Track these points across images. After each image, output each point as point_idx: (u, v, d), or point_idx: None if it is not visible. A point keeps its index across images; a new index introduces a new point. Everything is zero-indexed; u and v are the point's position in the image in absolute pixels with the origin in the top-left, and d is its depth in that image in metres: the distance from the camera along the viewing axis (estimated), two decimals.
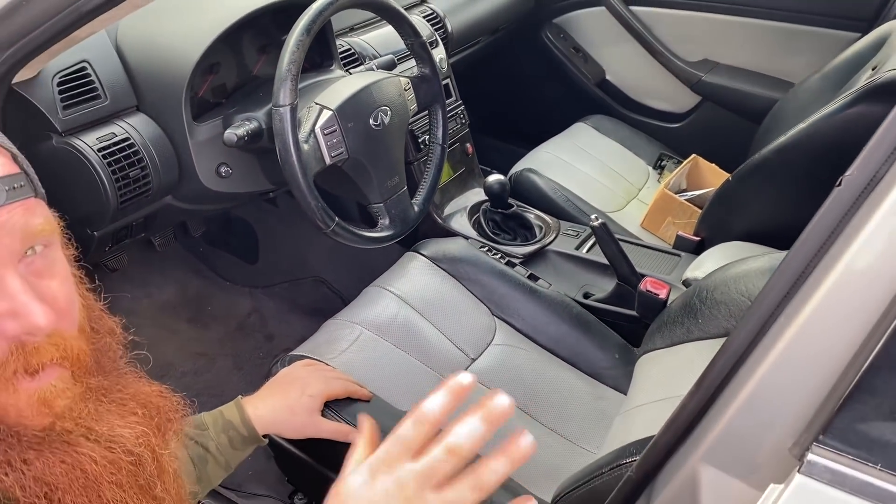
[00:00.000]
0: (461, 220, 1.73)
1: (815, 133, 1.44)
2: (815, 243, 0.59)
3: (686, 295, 1.39)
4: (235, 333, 1.89)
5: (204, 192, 1.29)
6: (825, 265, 0.58)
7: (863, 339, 0.56)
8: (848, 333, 0.57)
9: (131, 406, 0.66)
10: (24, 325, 0.55)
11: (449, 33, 1.89)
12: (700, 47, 2.20)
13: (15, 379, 0.56)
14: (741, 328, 0.63)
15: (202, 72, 1.28)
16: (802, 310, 0.59)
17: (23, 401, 0.57)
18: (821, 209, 0.59)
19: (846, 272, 0.57)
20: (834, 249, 0.58)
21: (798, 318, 0.59)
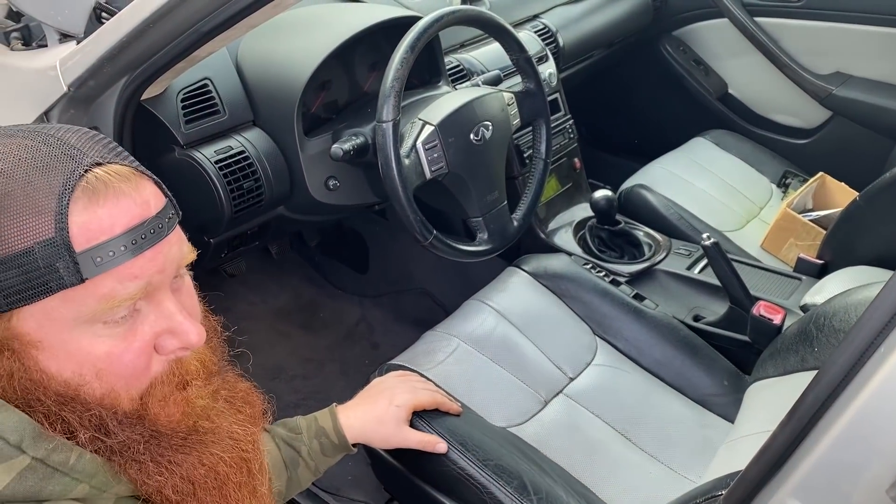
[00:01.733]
0: (565, 235, 1.71)
1: None
2: None
3: (802, 321, 1.31)
4: (343, 341, 1.95)
5: (313, 204, 1.35)
6: None
7: None
8: None
9: (239, 404, 0.71)
10: (182, 342, 0.63)
11: (560, 48, 1.88)
12: (831, 59, 2.07)
13: (171, 392, 0.64)
14: (837, 357, 0.59)
15: (315, 89, 1.34)
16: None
17: (173, 407, 0.64)
18: None
19: None
20: None
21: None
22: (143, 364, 0.62)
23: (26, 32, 1.33)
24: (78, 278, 0.56)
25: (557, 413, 1.32)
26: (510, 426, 1.27)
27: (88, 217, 0.57)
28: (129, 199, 0.59)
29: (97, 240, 0.57)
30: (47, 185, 0.56)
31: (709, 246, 1.42)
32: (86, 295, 0.57)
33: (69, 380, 0.60)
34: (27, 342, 0.58)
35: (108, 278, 0.57)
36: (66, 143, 0.59)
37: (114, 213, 0.58)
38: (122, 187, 0.59)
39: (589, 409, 1.34)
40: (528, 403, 1.33)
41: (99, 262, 0.57)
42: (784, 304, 1.48)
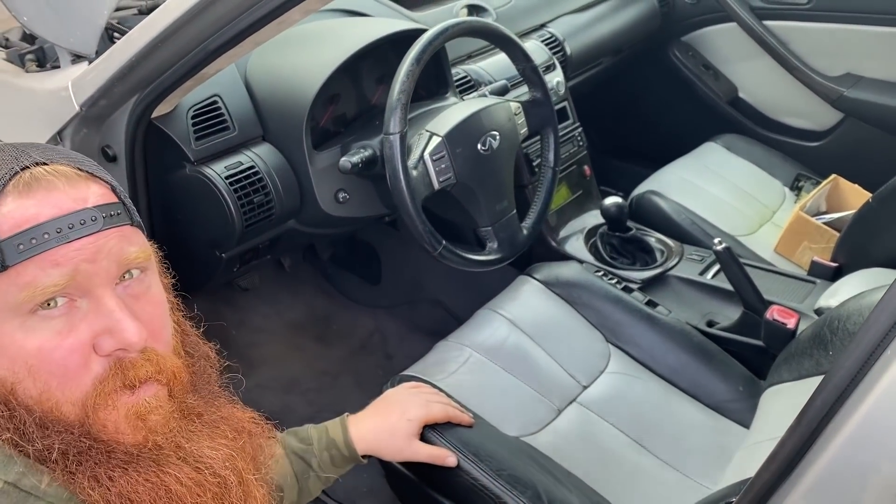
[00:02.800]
0: (577, 243, 1.70)
1: None
2: None
3: (816, 325, 1.30)
4: (358, 352, 1.95)
5: (324, 217, 1.36)
6: None
7: None
8: None
9: (223, 429, 0.69)
10: (119, 341, 0.61)
11: (568, 56, 1.88)
12: (841, 61, 2.06)
13: (115, 394, 0.61)
14: (843, 361, 0.59)
15: (323, 103, 1.35)
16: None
17: (120, 415, 0.62)
18: None
19: None
20: None
21: None
22: (76, 362, 0.60)
23: (41, 54, 1.36)
24: (0, 265, 0.57)
25: (571, 422, 1.32)
26: (524, 436, 1.27)
27: (15, 207, 0.58)
28: (61, 193, 0.60)
29: (19, 227, 0.58)
30: None
31: (721, 251, 1.42)
32: (9, 283, 0.58)
33: (3, 377, 0.60)
34: None
35: (31, 265, 0.58)
36: (19, 149, 0.61)
37: (42, 204, 0.59)
38: (56, 182, 0.60)
39: (603, 418, 1.34)
40: (542, 412, 1.32)
41: (21, 248, 0.58)
42: (798, 307, 1.47)
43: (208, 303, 1.88)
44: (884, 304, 0.56)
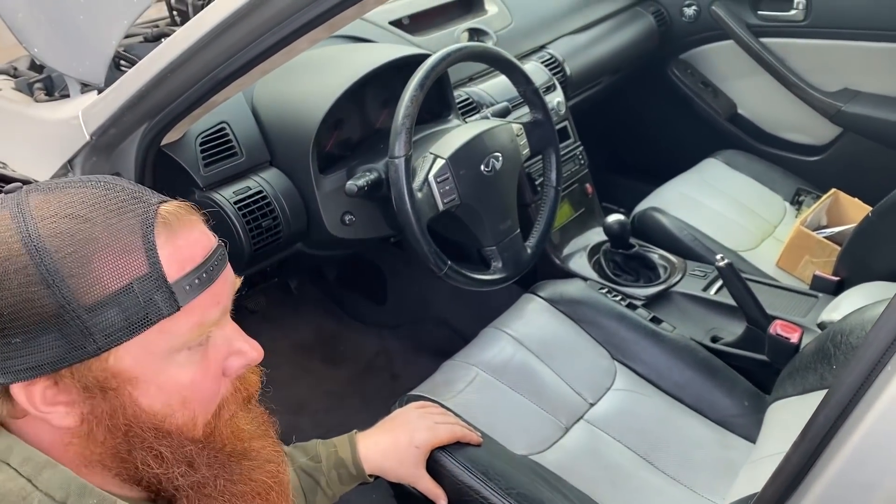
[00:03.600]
0: (580, 260, 1.72)
1: None
2: None
3: (820, 339, 1.31)
4: (364, 373, 1.97)
5: (330, 239, 1.37)
6: None
7: None
8: None
9: (265, 427, 0.75)
10: (248, 361, 0.68)
11: (568, 76, 1.91)
12: (838, 76, 2.08)
13: (238, 409, 0.69)
14: (845, 377, 0.60)
15: (329, 127, 1.37)
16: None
17: (232, 427, 0.68)
18: None
19: None
20: None
21: None
22: (217, 387, 0.67)
23: (48, 83, 1.38)
24: (175, 307, 0.60)
25: (579, 439, 1.33)
26: (532, 454, 1.28)
27: (172, 249, 0.61)
28: (197, 230, 0.65)
29: (185, 269, 0.61)
30: (127, 226, 0.60)
31: (723, 267, 1.43)
32: (180, 324, 0.61)
33: (158, 412, 0.63)
34: (124, 379, 0.61)
35: (197, 306, 0.62)
36: (127, 188, 0.63)
37: (190, 242, 0.63)
38: (190, 219, 0.64)
39: (610, 435, 1.34)
40: (549, 430, 1.33)
41: (188, 289, 0.61)
42: (801, 322, 1.48)
43: None
44: (883, 320, 0.57)
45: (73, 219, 0.58)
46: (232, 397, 0.68)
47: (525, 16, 1.96)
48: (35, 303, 0.56)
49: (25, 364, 0.58)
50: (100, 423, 0.62)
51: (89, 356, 0.58)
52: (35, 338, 0.57)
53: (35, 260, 0.56)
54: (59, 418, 0.61)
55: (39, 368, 0.58)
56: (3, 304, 0.56)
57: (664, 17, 2.28)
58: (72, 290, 0.57)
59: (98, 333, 0.58)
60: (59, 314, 0.57)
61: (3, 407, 0.62)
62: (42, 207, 0.59)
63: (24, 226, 0.58)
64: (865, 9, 1.97)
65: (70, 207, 0.59)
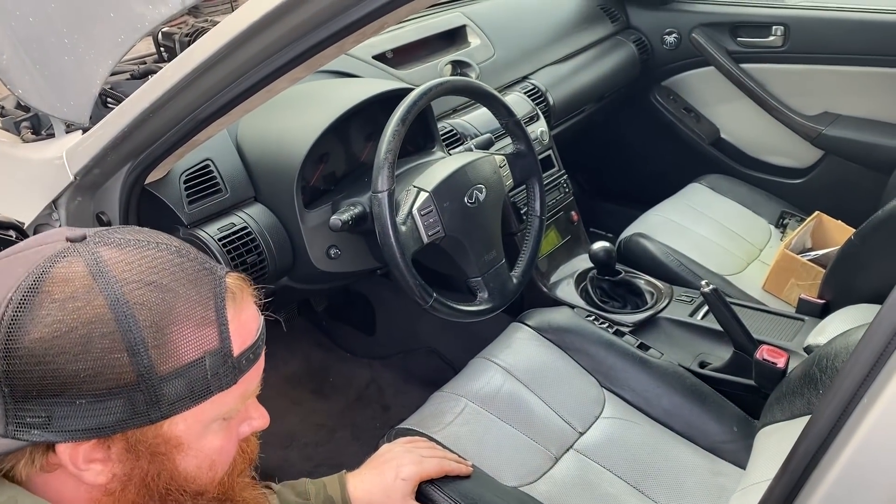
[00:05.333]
0: (567, 288, 1.72)
1: None
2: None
3: (806, 363, 1.31)
4: (354, 404, 1.96)
5: (317, 274, 1.38)
6: None
7: None
8: None
9: (249, 474, 0.77)
10: (259, 426, 0.71)
11: (551, 106, 1.93)
12: (818, 100, 2.12)
13: (245, 470, 0.72)
14: (823, 408, 0.60)
15: (313, 162, 1.38)
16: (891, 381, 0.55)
17: (241, 487, 0.71)
18: None
19: None
20: None
21: (886, 390, 0.56)
22: (235, 450, 0.69)
23: (35, 121, 1.39)
24: (234, 381, 0.62)
25: (569, 469, 1.32)
26: (522, 485, 1.27)
27: (238, 324, 0.63)
28: (254, 307, 0.67)
29: (245, 344, 0.63)
30: (199, 297, 0.61)
31: (708, 293, 1.44)
32: (233, 396, 0.63)
33: (191, 474, 0.65)
34: (173, 445, 0.62)
35: (245, 379, 0.64)
36: (197, 258, 0.64)
37: (250, 319, 0.65)
38: (249, 293, 0.66)
39: (600, 464, 1.34)
40: (539, 461, 1.33)
41: (244, 364, 0.63)
42: (788, 346, 1.49)
43: None
44: (857, 355, 0.58)
45: (157, 288, 0.59)
46: (240, 457, 0.71)
47: (507, 47, 1.99)
48: (116, 369, 0.57)
49: (85, 425, 0.57)
50: (135, 482, 0.63)
51: (150, 423, 0.59)
52: (102, 401, 0.57)
53: (122, 327, 0.57)
54: (93, 476, 0.61)
55: (98, 431, 0.58)
56: (83, 366, 0.56)
57: (645, 46, 2.31)
58: (152, 359, 0.57)
59: (164, 402, 0.59)
60: (136, 382, 0.57)
61: (36, 461, 0.61)
62: (122, 269, 0.59)
63: (110, 289, 0.57)
64: (842, 34, 2.01)
65: (152, 274, 0.59)
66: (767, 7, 2.13)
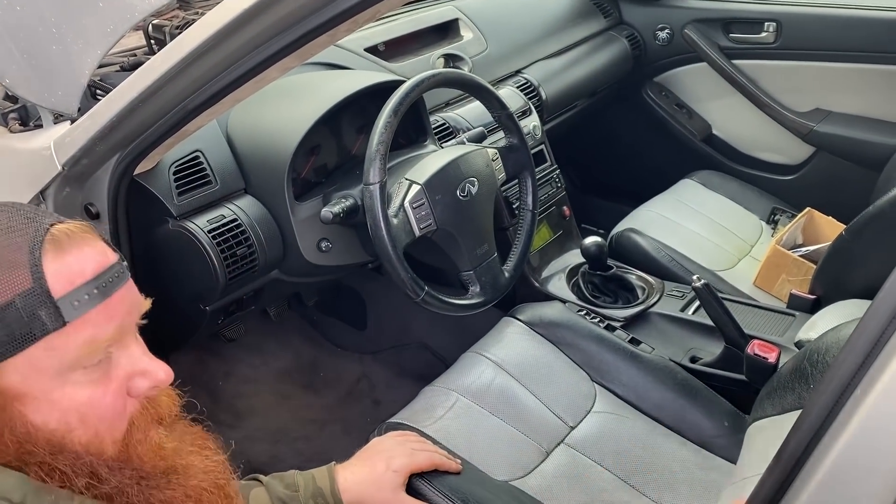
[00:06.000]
0: (559, 283, 1.72)
1: None
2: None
3: (797, 358, 1.31)
4: (345, 399, 1.95)
5: (307, 267, 1.37)
6: None
7: None
8: None
9: (202, 442, 0.76)
10: (154, 381, 0.68)
11: (544, 101, 1.92)
12: (810, 97, 2.12)
13: (148, 430, 0.69)
14: (816, 399, 0.60)
15: (304, 154, 1.37)
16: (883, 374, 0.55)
17: (148, 447, 0.68)
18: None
19: None
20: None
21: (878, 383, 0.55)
22: (121, 406, 0.66)
23: (23, 112, 1.37)
24: (60, 322, 0.60)
25: (560, 463, 1.32)
26: (513, 479, 1.27)
27: (59, 265, 0.61)
28: (90, 248, 0.64)
29: (73, 284, 0.61)
30: (15, 244, 0.60)
31: (700, 287, 1.44)
32: (69, 342, 0.61)
33: (55, 429, 0.63)
34: (11, 396, 0.61)
35: (87, 323, 0.61)
36: (21, 210, 0.64)
37: (80, 259, 0.63)
38: (83, 237, 0.64)
39: (591, 458, 1.34)
40: (530, 455, 1.32)
41: (77, 305, 0.61)
42: (778, 341, 1.49)
43: (194, 355, 1.87)
44: (850, 346, 0.58)
45: None
46: (141, 417, 0.68)
47: (500, 41, 1.98)
48: None
49: None
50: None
51: None
52: None
53: None
54: None
55: None
56: None
57: (638, 41, 2.31)
58: None
59: None
60: None
61: None
62: None
63: None
64: (834, 31, 2.01)
65: None
66: (760, 3, 2.14)
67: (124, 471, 0.66)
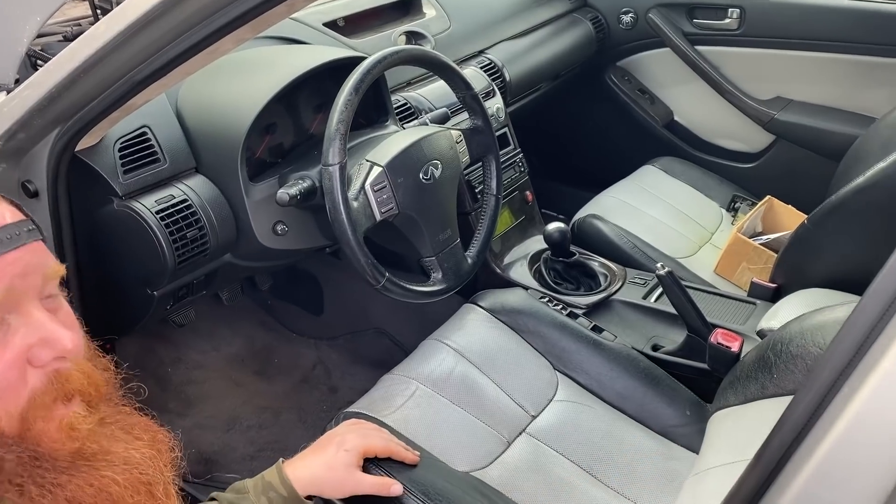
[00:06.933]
0: (521, 269, 1.69)
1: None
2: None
3: (760, 348, 1.31)
4: (300, 386, 1.90)
5: (262, 251, 1.31)
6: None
7: None
8: None
9: (137, 432, 0.71)
10: (57, 350, 0.62)
11: (507, 82, 1.88)
12: (771, 85, 2.12)
13: (52, 406, 0.62)
14: (804, 393, 0.58)
15: (259, 133, 1.31)
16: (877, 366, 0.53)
17: (54, 426, 0.62)
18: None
19: None
20: None
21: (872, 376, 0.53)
22: (15, 377, 0.60)
23: None
24: None
25: (521, 453, 1.29)
26: (474, 470, 1.24)
27: None
28: None
29: None
30: None
31: (664, 275, 1.42)
32: None
33: None
34: None
35: None
36: None
37: None
38: None
39: (553, 448, 1.31)
40: (491, 445, 1.29)
41: None
42: (740, 329, 1.49)
43: (142, 341, 1.80)
44: (838, 343, 0.55)
45: None
46: (46, 391, 0.62)
47: (463, 20, 1.93)
48: None
49: None
50: None
51: None
52: None
53: None
54: None
55: None
56: None
57: (602, 24, 2.28)
58: None
59: None
60: None
61: None
62: None
63: None
64: (797, 18, 2.01)
65: None
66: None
67: (13, 448, 0.60)
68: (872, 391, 0.53)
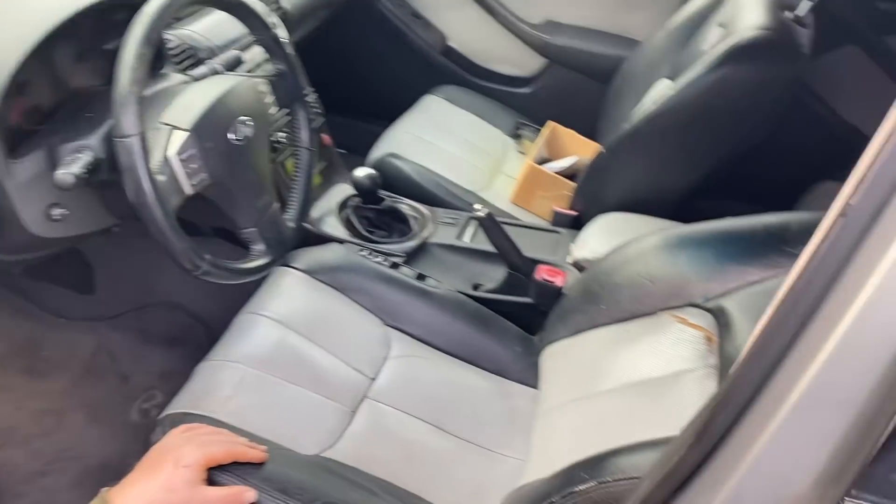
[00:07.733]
0: (333, 221, 1.58)
1: (683, 100, 1.44)
2: (825, 277, 0.53)
3: (584, 281, 1.36)
4: (83, 379, 1.63)
5: (32, 240, 1.06)
6: (838, 302, 0.53)
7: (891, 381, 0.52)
8: (869, 377, 0.52)
9: None
10: None
11: (287, 12, 1.70)
12: (542, 8, 2.16)
13: None
14: (742, 374, 0.57)
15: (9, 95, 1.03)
16: (818, 354, 0.53)
17: None
18: (821, 240, 0.54)
19: (867, 308, 0.52)
20: (847, 282, 0.53)
21: (813, 364, 0.54)
22: None
23: None
24: None
25: (366, 422, 1.23)
26: (323, 451, 1.15)
27: None
28: None
29: None
30: None
31: (484, 218, 1.41)
32: None
33: None
34: None
35: None
36: None
37: None
38: None
39: (397, 408, 1.27)
40: (335, 419, 1.21)
41: None
42: (555, 261, 1.53)
43: None
44: (778, 319, 0.55)
45: None
46: None
47: None
48: None
49: None
50: None
51: None
52: None
53: None
54: None
55: None
56: None
57: None
58: None
59: None
60: None
61: None
62: None
63: None
64: None
65: None
66: None
67: None
68: (812, 378, 0.53)
